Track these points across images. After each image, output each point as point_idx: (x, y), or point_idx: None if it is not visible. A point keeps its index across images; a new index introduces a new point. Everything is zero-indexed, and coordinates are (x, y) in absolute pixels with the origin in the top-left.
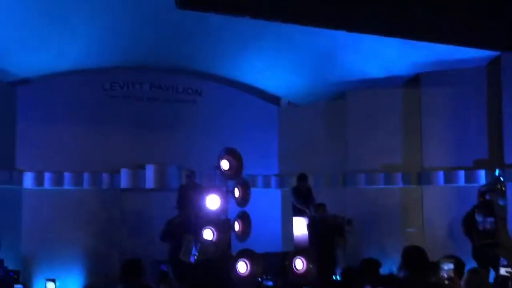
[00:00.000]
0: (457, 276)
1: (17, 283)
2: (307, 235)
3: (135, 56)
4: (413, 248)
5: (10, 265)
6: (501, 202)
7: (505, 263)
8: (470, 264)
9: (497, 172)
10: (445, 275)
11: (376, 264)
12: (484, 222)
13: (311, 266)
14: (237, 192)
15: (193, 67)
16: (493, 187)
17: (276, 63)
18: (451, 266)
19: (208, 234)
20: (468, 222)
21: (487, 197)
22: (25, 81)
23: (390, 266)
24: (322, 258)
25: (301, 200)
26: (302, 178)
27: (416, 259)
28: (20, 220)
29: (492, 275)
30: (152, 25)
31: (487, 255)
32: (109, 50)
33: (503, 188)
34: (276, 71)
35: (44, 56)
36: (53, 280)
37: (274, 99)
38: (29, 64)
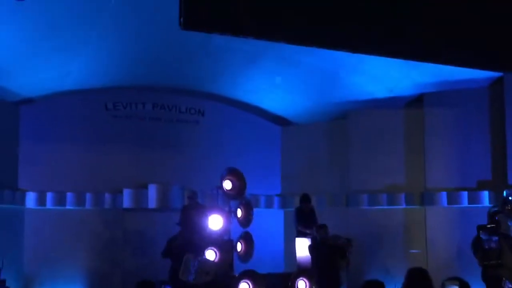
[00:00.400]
0: None
1: None
2: (310, 256)
3: (138, 76)
4: (417, 270)
5: (12, 285)
6: (510, 223)
7: (510, 285)
8: (475, 285)
9: (505, 193)
10: None
11: (380, 286)
12: (489, 241)
13: (313, 287)
14: (239, 213)
15: (196, 87)
16: (502, 208)
17: (279, 83)
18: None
19: (210, 254)
20: (476, 243)
21: (496, 218)
22: (28, 101)
23: (394, 287)
24: (325, 280)
25: (303, 221)
26: (305, 199)
27: (419, 281)
28: (22, 240)
29: None
30: (155, 46)
31: (490, 276)
32: (112, 70)
33: None
34: (279, 91)
35: (47, 76)
36: None
37: (276, 119)
38: (32, 83)
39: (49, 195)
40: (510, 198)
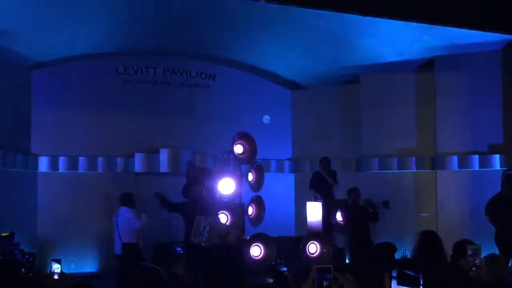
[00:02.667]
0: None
1: (33, 266)
2: (321, 219)
3: (149, 41)
4: (428, 232)
5: (26, 248)
6: None
7: None
8: (486, 249)
9: None
10: (472, 260)
11: (391, 248)
12: None
13: (324, 250)
14: (250, 177)
15: (206, 52)
16: None
17: (290, 47)
18: (478, 251)
19: (222, 218)
20: (495, 205)
21: None
22: (40, 65)
23: (404, 250)
24: (361, 243)
25: (316, 185)
26: (322, 161)
27: (431, 244)
28: (36, 204)
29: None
30: (166, 10)
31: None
32: (123, 34)
33: None
34: (290, 55)
35: (58, 40)
36: (59, 261)
37: (287, 83)
38: (44, 48)
39: (61, 160)
40: None
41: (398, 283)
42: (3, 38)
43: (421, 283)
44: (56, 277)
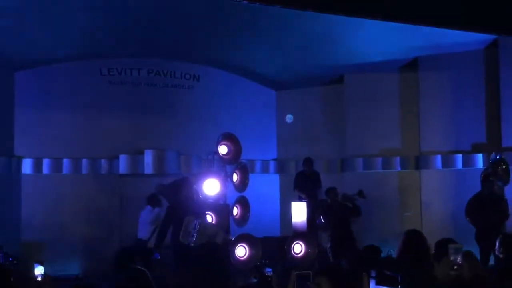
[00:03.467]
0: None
1: (17, 268)
2: (306, 220)
3: (133, 42)
4: (413, 232)
5: (9, 251)
6: (501, 184)
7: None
8: (468, 247)
9: (493, 156)
10: (454, 259)
11: (378, 250)
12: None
13: (310, 251)
14: (235, 177)
15: (190, 53)
16: (494, 170)
17: (274, 48)
18: (459, 250)
19: (208, 219)
20: (474, 205)
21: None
22: (23, 67)
23: (389, 249)
24: (343, 241)
25: (300, 185)
26: (305, 162)
27: (416, 243)
28: (19, 206)
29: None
30: (149, 11)
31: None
32: (107, 35)
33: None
34: (274, 56)
35: (41, 42)
36: (42, 263)
37: (272, 84)
38: (27, 49)
39: (45, 162)
40: (497, 158)
41: (377, 283)
42: None
43: (399, 282)
44: (39, 279)
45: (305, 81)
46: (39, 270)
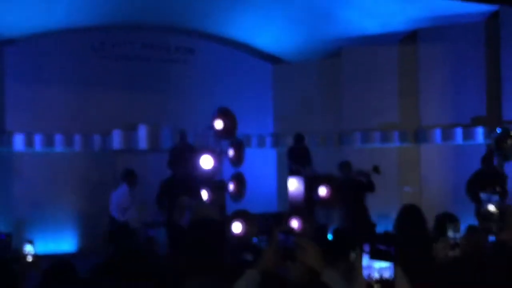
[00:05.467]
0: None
1: (9, 246)
2: (303, 195)
3: (125, 15)
4: (409, 207)
5: (2, 228)
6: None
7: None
8: (469, 222)
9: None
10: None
11: (372, 224)
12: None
13: (306, 226)
14: (231, 152)
15: (185, 25)
16: (500, 145)
17: (270, 20)
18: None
19: (203, 195)
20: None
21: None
22: (11, 41)
23: (386, 225)
24: (358, 218)
25: (295, 160)
26: (298, 138)
27: (412, 218)
28: (12, 183)
29: None
30: None
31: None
32: (99, 8)
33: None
34: (270, 29)
35: (30, 15)
36: (31, 242)
37: (268, 57)
38: (15, 23)
39: (37, 137)
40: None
41: (371, 257)
42: None
43: (392, 255)
44: (30, 259)
45: (302, 55)
46: (28, 250)
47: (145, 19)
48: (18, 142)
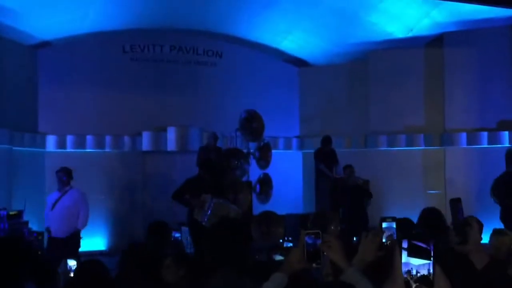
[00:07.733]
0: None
1: (41, 244)
2: (329, 197)
3: (155, 18)
4: (430, 210)
5: (34, 226)
6: None
7: None
8: (494, 225)
9: None
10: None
11: (411, 222)
12: None
13: (332, 228)
14: (258, 154)
15: (213, 29)
16: None
17: (298, 24)
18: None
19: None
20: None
21: None
22: (46, 44)
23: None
24: (354, 219)
25: (323, 163)
26: (325, 141)
27: (433, 221)
28: (44, 182)
29: None
30: None
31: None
32: (130, 11)
33: None
34: (297, 32)
35: (64, 18)
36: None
37: (294, 61)
38: (49, 26)
39: (69, 138)
40: None
41: (409, 255)
42: (7, 16)
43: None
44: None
45: (328, 58)
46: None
47: (174, 23)
48: (51, 143)
